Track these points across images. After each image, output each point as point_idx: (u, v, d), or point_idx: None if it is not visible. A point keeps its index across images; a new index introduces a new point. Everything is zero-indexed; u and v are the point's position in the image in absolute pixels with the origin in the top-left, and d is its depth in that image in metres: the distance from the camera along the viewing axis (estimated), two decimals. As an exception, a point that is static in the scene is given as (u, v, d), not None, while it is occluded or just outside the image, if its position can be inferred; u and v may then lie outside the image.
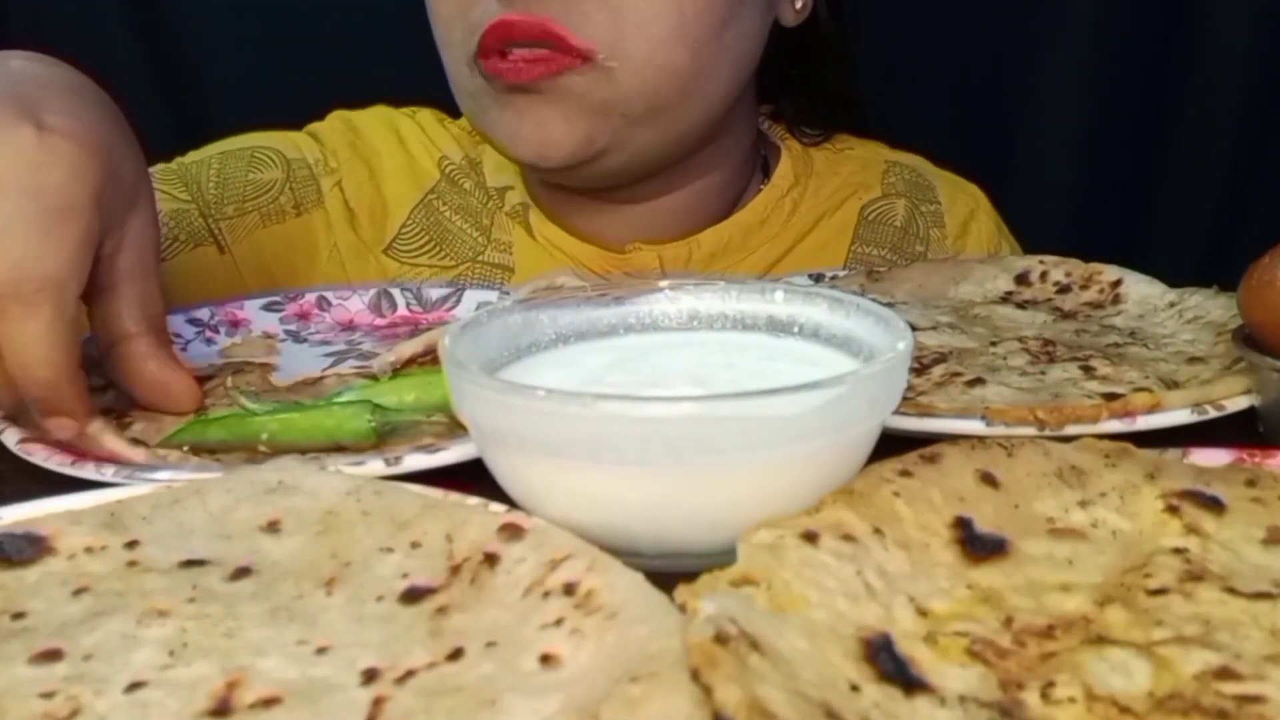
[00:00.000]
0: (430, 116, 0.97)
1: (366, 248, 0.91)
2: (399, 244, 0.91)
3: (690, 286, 0.52)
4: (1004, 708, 0.32)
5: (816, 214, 0.94)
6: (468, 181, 0.93)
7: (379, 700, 0.33)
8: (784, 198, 0.92)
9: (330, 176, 0.92)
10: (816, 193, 0.95)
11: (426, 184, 0.93)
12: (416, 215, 0.92)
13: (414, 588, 0.38)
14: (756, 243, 0.91)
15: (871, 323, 0.47)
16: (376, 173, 0.93)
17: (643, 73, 0.75)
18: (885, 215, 0.96)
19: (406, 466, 0.48)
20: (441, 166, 0.94)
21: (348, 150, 0.93)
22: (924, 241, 0.96)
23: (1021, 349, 0.63)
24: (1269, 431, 0.53)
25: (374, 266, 0.90)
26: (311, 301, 0.76)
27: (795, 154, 0.96)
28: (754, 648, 0.31)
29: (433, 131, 0.96)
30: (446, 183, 0.93)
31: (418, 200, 0.92)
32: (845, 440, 0.41)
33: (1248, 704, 0.31)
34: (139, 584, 0.38)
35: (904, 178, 0.99)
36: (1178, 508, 0.41)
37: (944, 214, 0.98)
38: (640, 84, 0.76)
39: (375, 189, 0.92)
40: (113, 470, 0.48)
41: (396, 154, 0.94)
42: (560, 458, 0.40)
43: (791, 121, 0.98)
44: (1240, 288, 0.54)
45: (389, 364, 0.62)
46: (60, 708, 0.33)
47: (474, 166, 0.94)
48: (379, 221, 0.92)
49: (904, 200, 0.97)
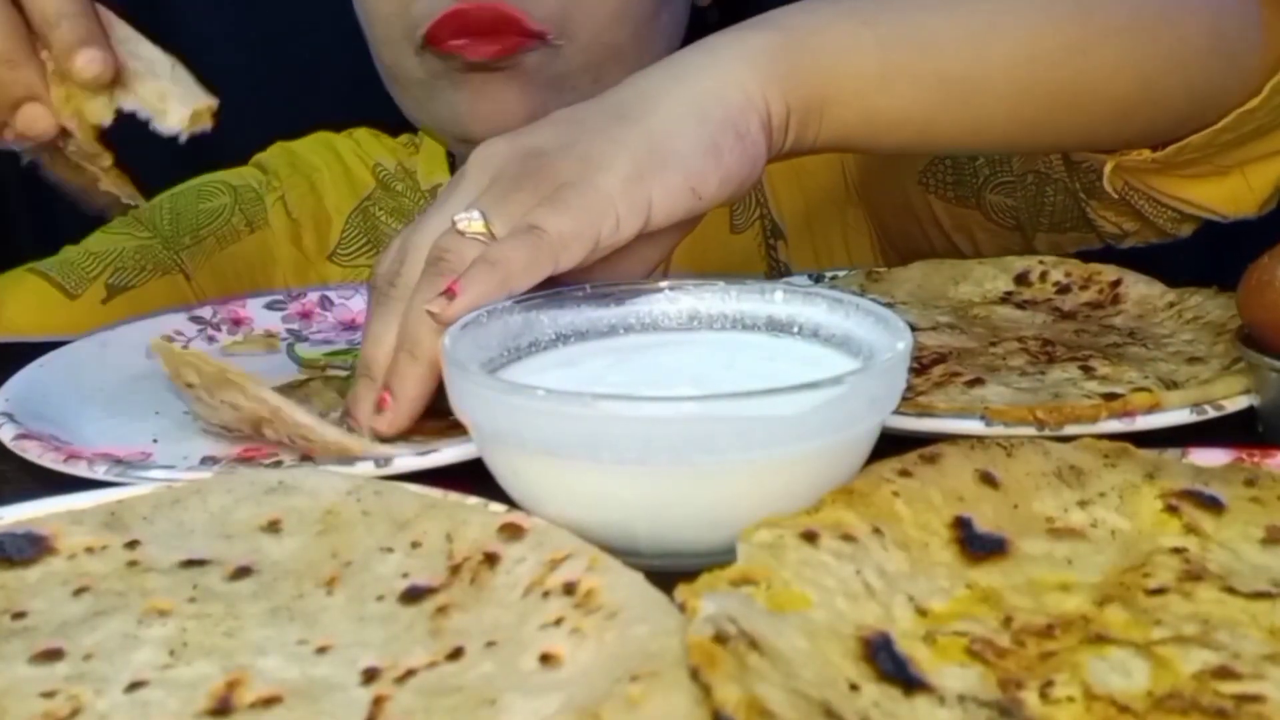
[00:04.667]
0: (366, 133, 1.03)
1: (309, 258, 0.96)
2: (340, 250, 0.97)
3: (690, 286, 0.52)
4: (1003, 707, 0.32)
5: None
6: (400, 185, 0.99)
7: (379, 699, 0.33)
8: None
9: (273, 193, 0.98)
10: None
11: (363, 191, 0.99)
12: (354, 220, 0.98)
13: (414, 587, 0.38)
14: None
15: (871, 323, 0.47)
16: (317, 186, 0.99)
17: (589, 50, 0.81)
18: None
19: (399, 467, 0.48)
20: (376, 173, 0.99)
21: (288, 169, 0.99)
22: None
23: (1021, 349, 0.63)
24: (1268, 431, 0.53)
25: (318, 275, 0.96)
26: (314, 300, 0.76)
27: None
28: (753, 647, 0.31)
29: (368, 145, 1.02)
30: (381, 188, 0.99)
31: (354, 206, 0.98)
32: (845, 440, 0.41)
33: (1246, 703, 0.31)
34: (139, 583, 0.39)
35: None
36: (1177, 507, 0.41)
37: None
38: (585, 60, 0.81)
39: (316, 201, 0.98)
40: (105, 468, 0.48)
41: (334, 167, 1.00)
42: (560, 458, 0.40)
43: None
44: (1240, 288, 0.54)
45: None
46: (61, 707, 0.33)
47: (408, 173, 0.99)
48: (322, 231, 0.98)
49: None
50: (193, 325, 0.72)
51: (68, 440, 0.53)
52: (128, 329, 0.69)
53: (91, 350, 0.65)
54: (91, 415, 0.58)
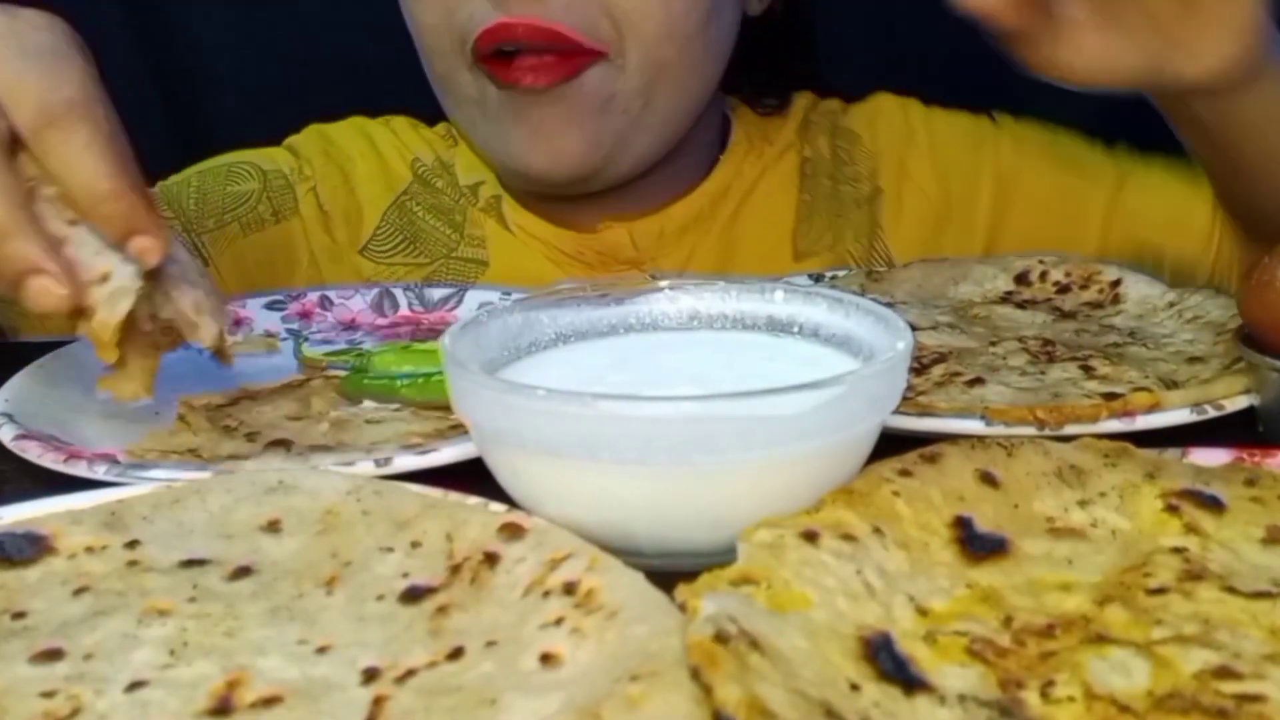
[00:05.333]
0: (404, 123, 1.00)
1: (341, 250, 0.93)
2: (374, 245, 0.94)
3: (690, 286, 0.52)
4: (1003, 706, 0.32)
5: (762, 168, 0.96)
6: (439, 180, 0.96)
7: (379, 699, 0.33)
8: (741, 163, 0.95)
9: (305, 183, 0.94)
10: (761, 155, 0.96)
11: (399, 186, 0.96)
12: (390, 216, 0.95)
13: (414, 587, 0.38)
14: (722, 211, 0.93)
15: (871, 322, 0.47)
16: (350, 177, 0.96)
17: (641, 70, 0.78)
18: (816, 156, 0.97)
19: (399, 467, 0.48)
20: (414, 168, 0.96)
21: (321, 158, 0.96)
22: (850, 160, 0.97)
23: (1021, 349, 0.63)
24: (1268, 431, 0.53)
25: (349, 268, 0.93)
26: (314, 300, 0.76)
27: (747, 122, 0.98)
28: (754, 647, 0.31)
29: (405, 136, 0.98)
30: (419, 183, 0.96)
31: (391, 201, 0.95)
32: (845, 440, 0.41)
33: (1247, 703, 0.31)
34: (139, 583, 0.39)
35: (826, 117, 1.00)
36: (1177, 507, 0.41)
37: (854, 128, 0.98)
38: (638, 81, 0.79)
39: (349, 193, 0.95)
40: (104, 468, 0.48)
41: (369, 159, 0.97)
42: (560, 457, 0.40)
43: (746, 97, 0.99)
44: (1240, 288, 0.54)
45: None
46: (61, 707, 0.33)
47: (446, 167, 0.96)
48: (354, 224, 0.94)
49: (825, 136, 0.98)
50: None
51: (68, 440, 0.53)
52: (127, 329, 0.69)
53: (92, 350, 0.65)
54: (91, 415, 0.58)
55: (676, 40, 0.79)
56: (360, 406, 0.60)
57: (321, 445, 0.54)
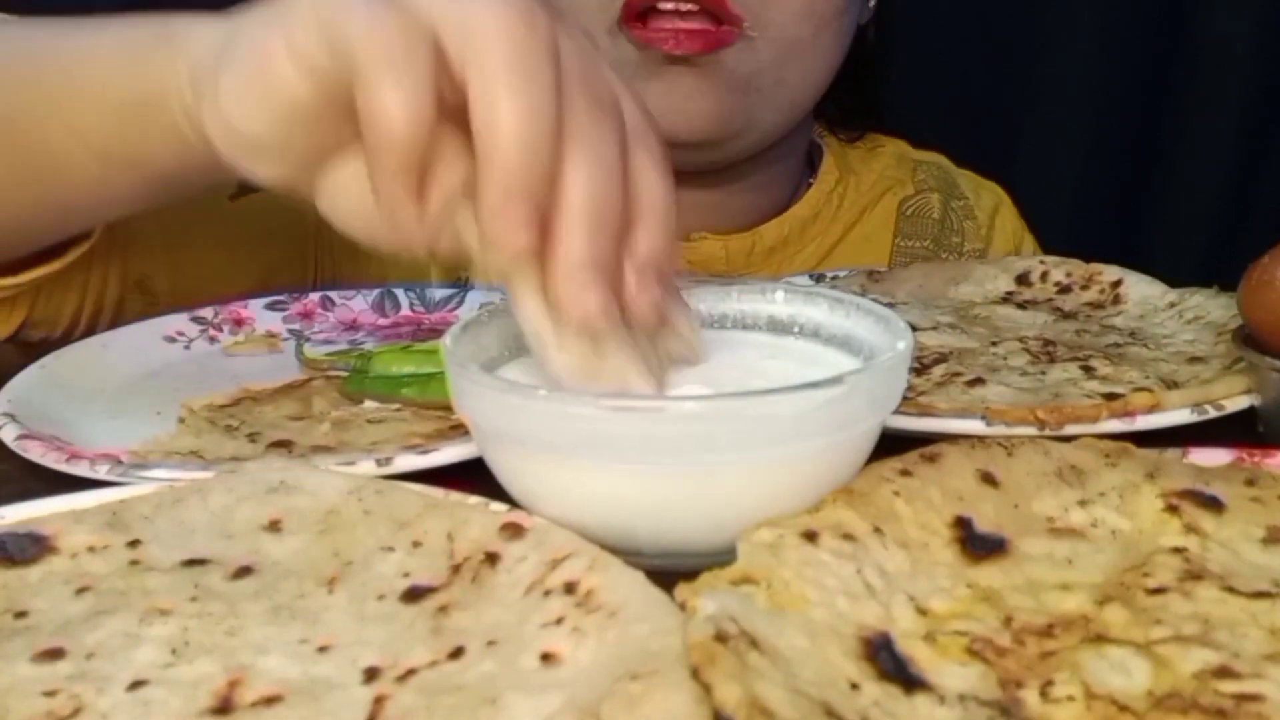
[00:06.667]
0: None
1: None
2: None
3: (690, 286, 0.52)
4: (1003, 706, 0.32)
5: (859, 209, 0.97)
6: None
7: (380, 699, 0.33)
8: (831, 192, 0.96)
9: None
10: (856, 188, 0.98)
11: None
12: None
13: (415, 586, 0.38)
14: (809, 237, 0.94)
15: (872, 322, 0.47)
16: None
17: (776, 44, 0.79)
18: (922, 209, 0.99)
19: (399, 467, 0.48)
20: None
21: None
22: (959, 234, 1.00)
23: (1022, 349, 0.63)
24: (1269, 431, 0.53)
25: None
26: (315, 301, 0.77)
27: (835, 151, 0.99)
28: (754, 646, 0.31)
29: None
30: None
31: None
32: (845, 440, 0.41)
33: (1246, 703, 0.31)
34: (141, 583, 0.39)
35: (933, 174, 1.02)
36: (1177, 507, 0.41)
37: (973, 207, 1.02)
38: (772, 56, 0.79)
39: None
40: (107, 467, 0.48)
41: None
42: (561, 457, 0.40)
43: (831, 120, 1.01)
44: (1240, 288, 0.54)
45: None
46: (63, 706, 0.33)
47: None
48: None
49: (937, 195, 1.00)
50: (194, 325, 0.72)
51: (69, 440, 0.53)
52: (128, 329, 0.69)
53: (93, 350, 0.66)
54: (93, 415, 0.58)
55: (814, 20, 0.80)
56: (362, 406, 0.60)
57: (323, 445, 0.55)
